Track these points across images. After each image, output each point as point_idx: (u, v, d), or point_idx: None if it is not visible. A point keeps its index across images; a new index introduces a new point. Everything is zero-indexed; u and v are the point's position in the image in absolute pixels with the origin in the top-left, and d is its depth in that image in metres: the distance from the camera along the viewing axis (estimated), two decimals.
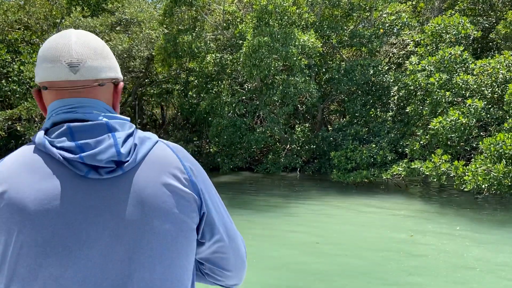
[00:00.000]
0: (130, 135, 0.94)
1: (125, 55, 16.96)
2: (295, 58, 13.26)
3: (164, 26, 15.79)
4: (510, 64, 11.45)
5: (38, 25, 16.88)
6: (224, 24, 15.62)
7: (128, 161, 0.91)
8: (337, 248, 7.24)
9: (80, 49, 0.94)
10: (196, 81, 16.63)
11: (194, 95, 17.13)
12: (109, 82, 1.00)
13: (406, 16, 14.97)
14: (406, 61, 14.44)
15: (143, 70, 18.46)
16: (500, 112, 11.34)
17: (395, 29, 14.98)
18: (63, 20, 16.98)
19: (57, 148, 0.88)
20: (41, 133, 0.91)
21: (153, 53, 15.68)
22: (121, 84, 1.04)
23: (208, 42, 15.22)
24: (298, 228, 8.66)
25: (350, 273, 6.03)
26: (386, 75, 15.27)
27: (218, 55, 15.28)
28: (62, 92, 0.95)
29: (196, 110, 16.64)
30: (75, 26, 16.84)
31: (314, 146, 16.20)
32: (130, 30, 17.05)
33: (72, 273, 0.86)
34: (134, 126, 0.98)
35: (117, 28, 17.32)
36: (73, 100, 0.94)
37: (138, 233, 0.90)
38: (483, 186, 9.72)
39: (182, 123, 19.72)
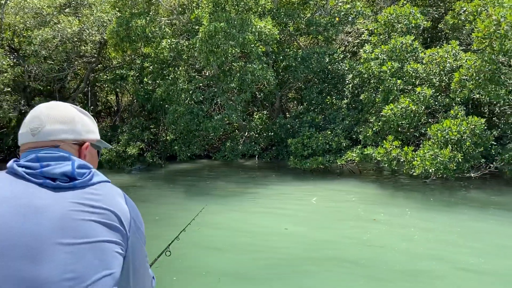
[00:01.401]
0: (89, 167, 1.23)
1: (76, 39, 16.20)
2: (252, 45, 13.17)
3: (117, 9, 15.16)
4: (456, 54, 11.97)
5: None
6: (180, 9, 15.22)
7: (80, 179, 1.17)
8: (300, 233, 7.34)
9: (43, 117, 1.26)
10: (151, 67, 16.17)
11: (150, 82, 16.66)
12: (70, 143, 1.28)
13: (361, 5, 15.24)
14: (360, 50, 14.74)
15: (95, 55, 17.71)
16: (447, 100, 11.87)
17: (350, 17, 15.22)
18: (8, 1, 15.90)
19: (22, 166, 1.17)
20: (11, 161, 1.20)
21: (105, 37, 15.06)
22: (86, 144, 1.31)
23: (163, 27, 14.77)
24: (257, 215, 8.71)
25: (316, 256, 6.18)
26: (341, 63, 15.54)
27: (174, 40, 14.89)
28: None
29: (152, 97, 16.22)
30: (21, 7, 15.82)
31: (272, 133, 16.30)
32: (80, 13, 16.27)
33: None
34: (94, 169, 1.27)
35: (66, 10, 16.45)
36: (39, 149, 1.24)
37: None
38: (430, 170, 10.18)
39: (138, 110, 19.18)
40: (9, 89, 15.10)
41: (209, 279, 5.34)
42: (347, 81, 15.45)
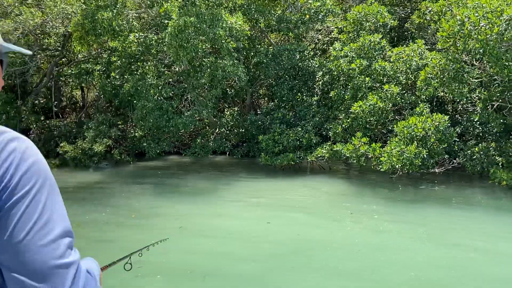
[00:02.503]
0: None
1: (38, 31, 15.57)
2: (223, 41, 13.03)
3: (82, 1, 14.64)
4: (422, 53, 12.29)
5: None
6: (148, 2, 14.87)
7: None
8: (280, 229, 7.34)
9: None
10: (119, 61, 15.73)
11: (117, 77, 16.21)
12: None
13: (330, 3, 15.38)
14: (330, 47, 14.89)
15: (59, 48, 17.08)
16: (413, 97, 12.18)
17: (320, 15, 15.33)
18: None
19: None
20: None
21: (70, 30, 14.53)
22: None
23: (131, 20, 14.39)
24: (227, 211, 8.65)
25: (299, 251, 6.22)
26: (311, 61, 15.64)
27: (142, 34, 14.54)
28: None
29: (120, 92, 15.79)
30: None
31: (243, 130, 16.24)
32: (43, 4, 15.61)
33: None
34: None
35: (28, 1, 15.75)
36: None
37: None
38: (397, 166, 10.43)
39: (105, 105, 18.64)
40: None
41: (193, 278, 5.26)
42: (317, 78, 15.58)
